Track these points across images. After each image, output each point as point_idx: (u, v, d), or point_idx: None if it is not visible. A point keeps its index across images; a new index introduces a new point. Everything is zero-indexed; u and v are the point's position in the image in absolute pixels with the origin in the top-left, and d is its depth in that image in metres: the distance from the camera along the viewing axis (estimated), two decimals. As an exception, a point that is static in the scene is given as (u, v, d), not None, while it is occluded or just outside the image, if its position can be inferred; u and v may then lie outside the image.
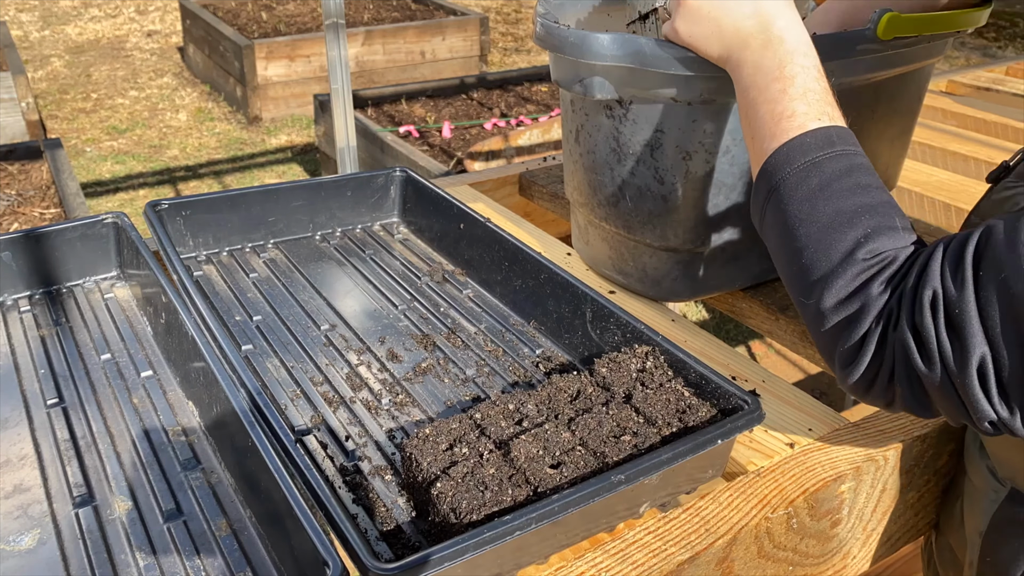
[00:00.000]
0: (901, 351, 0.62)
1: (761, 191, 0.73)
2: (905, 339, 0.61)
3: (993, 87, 1.92)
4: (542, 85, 4.51)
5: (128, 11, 7.24)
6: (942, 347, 0.60)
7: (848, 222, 0.66)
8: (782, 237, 0.70)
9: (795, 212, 0.69)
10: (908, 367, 0.62)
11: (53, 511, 0.70)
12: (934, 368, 0.60)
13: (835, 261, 0.66)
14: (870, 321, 0.64)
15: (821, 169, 0.68)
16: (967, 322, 0.58)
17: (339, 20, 2.13)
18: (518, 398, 0.75)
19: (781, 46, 0.73)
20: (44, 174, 2.93)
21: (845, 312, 0.65)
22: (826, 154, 0.69)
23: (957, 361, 0.59)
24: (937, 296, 0.60)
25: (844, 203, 0.67)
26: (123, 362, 0.90)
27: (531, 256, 0.98)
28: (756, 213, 0.75)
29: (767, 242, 0.75)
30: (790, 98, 0.71)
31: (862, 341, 0.64)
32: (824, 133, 0.70)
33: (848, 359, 0.66)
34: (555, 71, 0.96)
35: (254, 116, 4.91)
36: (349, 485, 0.72)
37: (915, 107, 1.09)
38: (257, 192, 1.11)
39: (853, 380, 0.66)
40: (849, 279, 0.65)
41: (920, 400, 0.64)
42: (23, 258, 0.99)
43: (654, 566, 0.66)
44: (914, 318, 0.61)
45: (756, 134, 0.74)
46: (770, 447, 0.81)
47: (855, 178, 0.68)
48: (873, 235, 0.65)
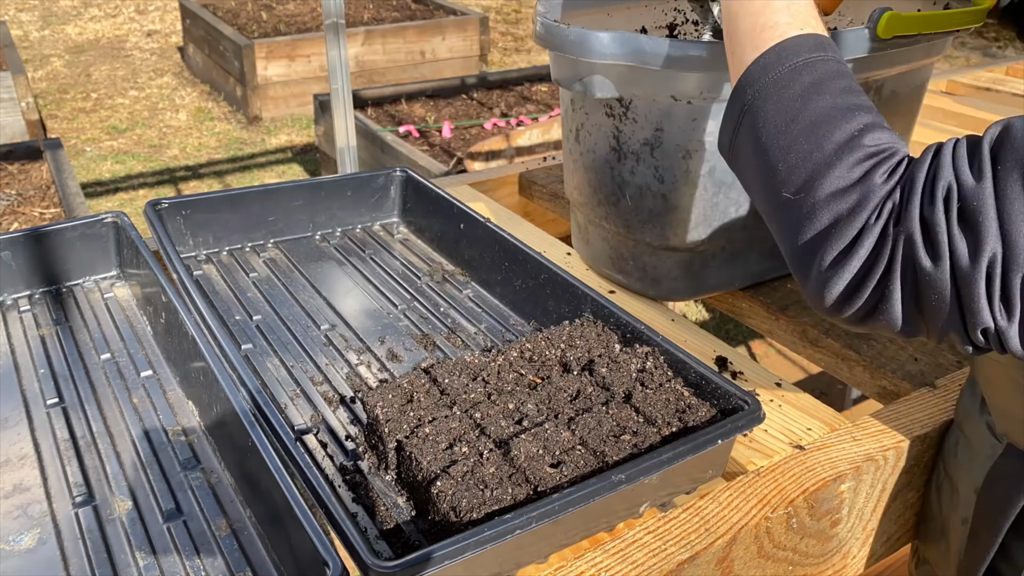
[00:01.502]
0: (906, 246, 0.58)
1: (738, 100, 0.69)
2: (912, 233, 0.57)
3: (993, 87, 1.92)
4: (542, 85, 4.51)
5: (128, 11, 7.24)
6: (953, 242, 0.56)
7: (844, 115, 0.63)
8: (767, 138, 0.66)
9: (785, 109, 0.65)
10: (909, 264, 0.58)
11: (53, 511, 0.70)
12: (941, 264, 0.56)
13: (831, 150, 0.61)
14: (869, 214, 0.59)
15: (814, 68, 0.66)
16: (983, 215, 0.54)
17: (339, 20, 2.13)
18: (518, 397, 0.75)
19: None
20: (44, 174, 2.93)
21: (842, 204, 0.60)
22: (819, 56, 0.66)
23: (970, 255, 0.55)
24: (952, 188, 0.56)
25: (840, 100, 0.64)
26: (123, 362, 0.90)
27: (531, 256, 0.98)
28: (728, 127, 0.71)
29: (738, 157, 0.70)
30: (773, 9, 0.69)
31: (858, 236, 0.59)
32: (815, 39, 0.68)
33: (837, 259, 0.60)
34: (555, 70, 0.96)
35: (254, 116, 4.91)
36: (349, 484, 0.72)
37: (915, 107, 1.09)
38: (257, 192, 1.11)
39: (837, 286, 0.61)
40: (849, 165, 0.60)
41: (908, 308, 0.60)
42: (23, 258, 0.99)
43: (654, 566, 0.66)
44: (923, 211, 0.57)
45: (736, 48, 0.71)
46: (770, 447, 0.81)
47: (847, 82, 0.66)
48: (871, 127, 0.62)
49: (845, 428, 0.83)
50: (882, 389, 0.94)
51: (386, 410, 0.73)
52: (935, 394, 0.89)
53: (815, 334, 1.00)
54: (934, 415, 0.85)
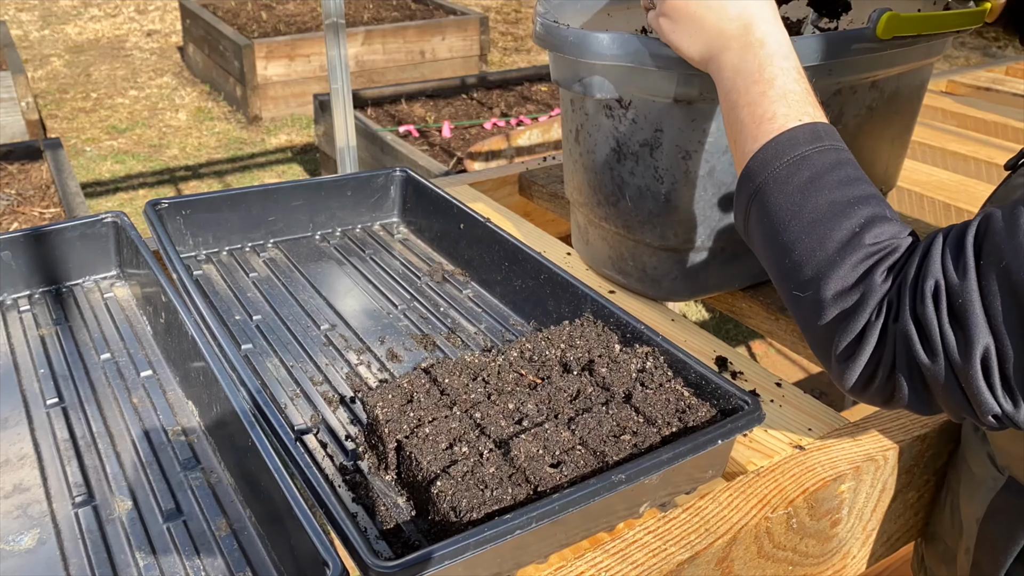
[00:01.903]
0: (903, 343, 0.60)
1: (745, 190, 0.72)
2: (907, 330, 0.59)
3: (993, 87, 1.92)
4: (542, 85, 4.51)
5: (128, 11, 7.24)
6: (945, 338, 0.58)
7: (843, 212, 0.65)
8: (771, 233, 0.69)
9: (786, 205, 0.67)
10: (910, 359, 0.60)
11: (53, 511, 0.70)
12: (937, 360, 0.59)
13: (833, 250, 0.64)
14: (870, 311, 0.62)
15: (810, 162, 0.68)
16: (970, 312, 0.56)
17: (339, 20, 2.13)
18: (518, 397, 0.75)
19: (761, 49, 0.72)
20: (44, 173, 2.93)
21: (846, 303, 0.63)
22: (814, 148, 0.68)
23: (961, 352, 0.57)
24: (939, 286, 0.58)
25: (837, 194, 0.66)
26: (123, 362, 0.90)
27: (531, 256, 0.98)
28: (739, 214, 0.74)
29: (752, 242, 0.73)
30: (770, 100, 0.71)
31: (862, 333, 0.62)
32: (811, 129, 0.69)
33: (847, 353, 0.63)
34: (555, 71, 0.96)
35: (254, 116, 4.91)
36: (349, 484, 0.72)
37: (915, 107, 1.09)
38: (257, 192, 1.11)
39: (852, 376, 0.64)
40: (851, 267, 0.63)
41: (921, 395, 0.62)
42: (23, 257, 0.99)
43: (654, 566, 0.66)
44: (916, 309, 0.59)
45: (738, 137, 0.73)
46: (770, 447, 0.81)
47: (845, 171, 0.68)
48: (871, 224, 0.64)
49: (845, 428, 0.83)
50: (882, 389, 0.94)
51: (386, 410, 0.73)
52: (935, 394, 0.88)
53: (815, 334, 1.00)
54: (934, 415, 0.85)
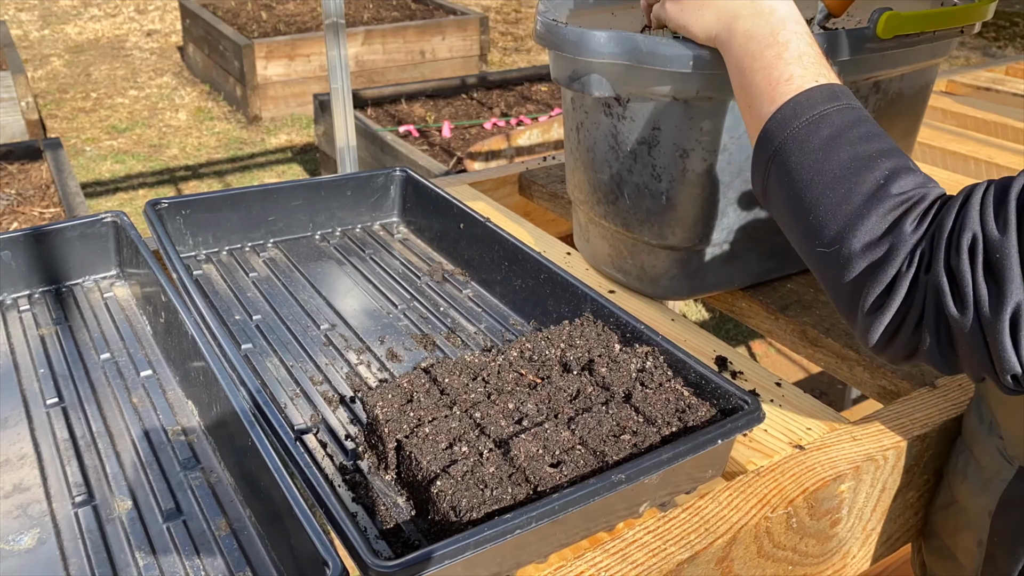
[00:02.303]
0: (934, 294, 0.60)
1: (763, 153, 0.72)
2: (939, 282, 0.59)
3: (993, 87, 1.92)
4: (542, 85, 4.51)
5: (128, 10, 7.24)
6: (978, 291, 0.57)
7: (866, 166, 0.65)
8: (793, 192, 0.68)
9: (808, 163, 0.67)
10: (939, 312, 0.60)
11: (52, 511, 0.70)
12: (967, 313, 0.58)
13: (859, 202, 0.64)
14: (901, 261, 0.61)
15: (830, 120, 0.68)
16: (1007, 267, 0.56)
17: (339, 20, 2.13)
18: (518, 397, 0.75)
19: (772, 15, 0.73)
20: (44, 173, 2.93)
21: (875, 254, 0.62)
22: (834, 107, 0.68)
23: (992, 307, 0.57)
24: (977, 239, 0.58)
25: (859, 149, 0.66)
26: (123, 361, 0.90)
27: (531, 256, 0.98)
28: (757, 178, 0.74)
29: (772, 204, 0.73)
30: (786, 62, 0.71)
31: (892, 284, 0.62)
32: (828, 89, 0.70)
33: (876, 305, 0.63)
34: (554, 69, 0.96)
35: (254, 115, 4.91)
36: (349, 484, 0.72)
37: (919, 109, 1.09)
38: (257, 191, 1.11)
39: (878, 329, 0.63)
40: (879, 216, 0.62)
41: (944, 351, 0.62)
42: (23, 257, 0.99)
43: (654, 566, 0.66)
44: (950, 261, 0.59)
45: (753, 102, 0.73)
46: (770, 447, 0.81)
47: (865, 128, 0.68)
48: (895, 175, 0.64)
49: (845, 428, 0.83)
50: (882, 389, 0.94)
51: (386, 410, 0.73)
52: (935, 394, 0.88)
53: (815, 334, 1.00)
54: (934, 415, 0.85)
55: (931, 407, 0.86)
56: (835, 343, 0.98)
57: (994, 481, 0.78)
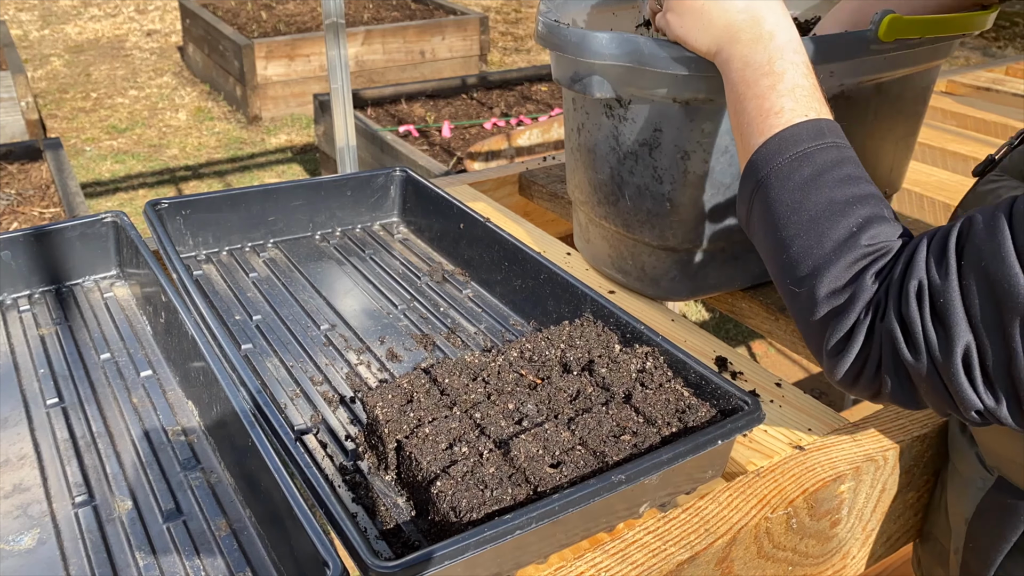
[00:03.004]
0: (888, 341, 0.62)
1: (748, 183, 0.73)
2: (892, 329, 0.61)
3: (993, 87, 1.92)
4: (542, 85, 4.51)
5: (128, 10, 7.24)
6: (928, 337, 0.60)
7: (841, 211, 0.66)
8: (771, 227, 0.70)
9: (787, 200, 0.69)
10: (895, 357, 0.62)
11: (53, 511, 0.70)
12: (920, 358, 0.60)
13: (828, 249, 0.66)
14: (859, 311, 0.63)
15: (812, 159, 0.69)
16: (951, 311, 0.58)
17: (339, 20, 2.13)
18: (518, 398, 0.75)
19: (771, 42, 0.73)
20: (44, 173, 2.93)
21: (838, 300, 0.64)
22: (817, 145, 0.69)
23: (942, 350, 0.59)
24: (923, 286, 0.60)
25: (837, 193, 0.67)
26: (123, 361, 0.90)
27: (531, 256, 0.98)
28: (742, 206, 0.75)
29: (753, 235, 0.75)
30: (778, 94, 0.71)
31: (851, 331, 0.64)
32: (815, 125, 0.70)
33: (837, 349, 0.65)
34: (556, 70, 0.96)
35: (254, 115, 4.91)
36: (349, 484, 0.72)
37: (920, 109, 1.08)
38: (257, 191, 1.11)
39: (841, 371, 0.66)
40: (844, 267, 0.65)
41: (907, 391, 0.64)
42: (23, 257, 0.99)
43: (654, 566, 0.66)
44: (900, 308, 0.61)
45: (744, 130, 0.74)
46: (770, 447, 0.81)
47: (846, 170, 0.69)
48: (867, 224, 0.65)
49: (845, 428, 0.83)
50: (882, 389, 0.94)
51: (386, 410, 0.73)
52: (935, 394, 0.88)
53: (815, 334, 1.00)
54: (934, 415, 0.85)
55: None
56: (835, 344, 0.98)
57: (971, 489, 0.78)
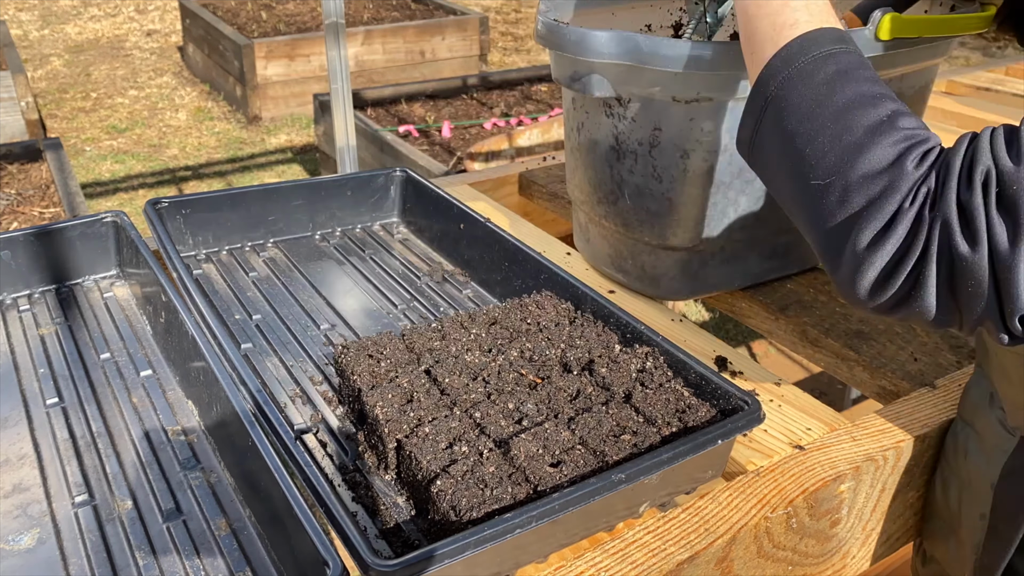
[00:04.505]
0: (942, 231, 0.57)
1: (761, 93, 0.69)
2: (948, 217, 0.56)
3: (993, 87, 1.92)
4: (542, 85, 4.51)
5: (128, 10, 7.24)
6: (991, 226, 0.55)
7: (871, 102, 0.63)
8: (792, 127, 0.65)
9: (811, 96, 0.65)
10: (944, 249, 0.57)
11: (52, 510, 0.70)
12: (979, 249, 0.56)
13: (861, 133, 0.61)
14: (902, 197, 0.58)
15: (838, 59, 0.66)
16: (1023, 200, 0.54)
17: (339, 20, 2.13)
18: (518, 397, 0.75)
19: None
20: (44, 173, 2.93)
21: (874, 188, 0.60)
22: (840, 48, 0.67)
23: (1010, 240, 0.54)
24: (991, 173, 0.56)
25: (866, 88, 0.64)
26: (123, 361, 0.90)
27: (531, 256, 0.98)
28: (749, 120, 0.71)
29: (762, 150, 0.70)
30: (792, 8, 0.69)
31: (892, 220, 0.59)
32: (837, 32, 0.68)
33: (873, 242, 0.59)
34: (555, 69, 0.96)
35: (254, 115, 4.91)
36: (349, 483, 0.72)
37: (919, 109, 1.08)
38: (257, 191, 1.11)
39: (871, 271, 0.60)
40: (881, 149, 0.60)
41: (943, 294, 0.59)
42: (23, 257, 0.99)
43: (653, 566, 0.66)
44: (961, 195, 0.56)
45: (755, 48, 0.71)
46: (770, 447, 0.81)
47: (871, 72, 0.66)
48: (900, 114, 0.62)
49: (845, 428, 0.83)
50: (882, 389, 0.94)
51: (386, 410, 0.73)
52: (935, 394, 0.89)
53: (815, 334, 1.00)
54: (934, 415, 0.85)
55: (931, 407, 0.86)
56: (835, 343, 0.98)
57: (995, 453, 0.78)
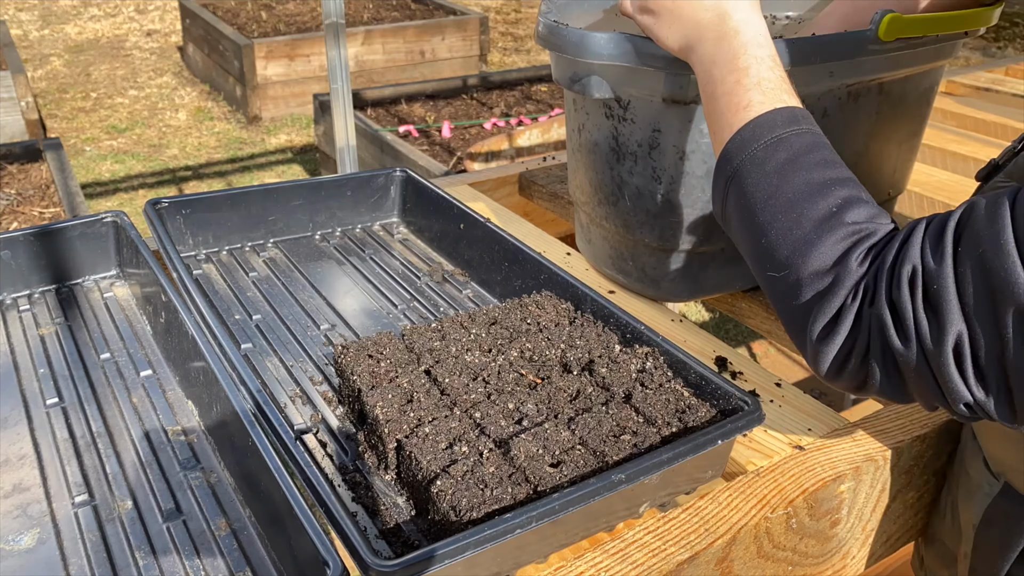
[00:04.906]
0: (877, 327, 0.60)
1: (722, 174, 0.72)
2: (882, 314, 0.59)
3: (993, 87, 1.92)
4: (542, 85, 4.51)
5: (128, 10, 7.24)
6: (919, 323, 0.58)
7: (820, 192, 0.65)
8: (748, 215, 0.68)
9: (763, 186, 0.67)
10: (884, 345, 0.60)
11: (52, 510, 0.70)
12: (910, 346, 0.58)
13: (809, 229, 0.64)
14: (846, 294, 0.61)
15: (788, 144, 0.68)
16: (945, 298, 0.56)
17: (339, 20, 2.13)
18: (518, 397, 0.75)
19: (736, 38, 0.73)
20: (44, 173, 2.93)
21: (822, 283, 0.62)
22: (792, 131, 0.68)
23: (933, 338, 0.57)
24: (916, 271, 0.58)
25: (815, 175, 0.66)
26: (123, 361, 0.90)
27: (531, 256, 0.98)
28: (717, 200, 0.74)
29: (730, 227, 0.73)
30: (745, 88, 0.71)
31: (837, 316, 0.62)
32: (788, 112, 0.69)
33: (822, 336, 0.63)
34: (555, 70, 0.96)
35: (254, 115, 4.91)
36: (349, 483, 0.72)
37: (924, 110, 1.08)
38: (257, 191, 1.11)
39: (827, 359, 0.63)
40: (829, 245, 0.63)
41: (894, 381, 0.62)
42: (23, 257, 0.99)
43: (653, 566, 0.66)
44: (892, 293, 0.59)
45: (716, 126, 0.73)
46: (770, 447, 0.81)
47: (822, 154, 0.68)
48: (848, 205, 0.64)
49: (845, 428, 0.83)
50: (882, 389, 0.94)
51: (386, 410, 0.73)
52: (935, 394, 0.88)
53: (815, 334, 1.00)
54: (934, 415, 0.85)
55: (931, 408, 0.86)
56: (835, 344, 0.98)
57: (978, 495, 0.78)
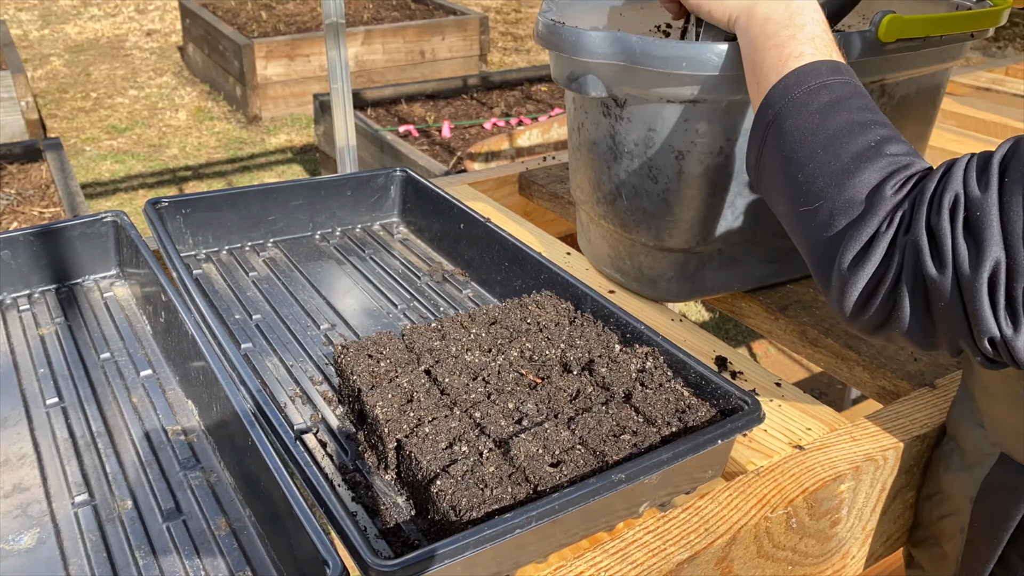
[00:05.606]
0: (912, 253, 0.60)
1: (762, 119, 0.74)
2: (919, 240, 0.59)
3: (993, 87, 1.92)
4: (542, 85, 4.51)
5: (128, 10, 7.24)
6: (957, 249, 0.57)
7: (861, 130, 0.67)
8: (786, 154, 0.70)
9: (804, 125, 0.69)
10: (917, 272, 0.60)
11: (52, 510, 0.70)
12: (945, 272, 0.58)
13: (847, 160, 0.65)
14: (880, 221, 0.62)
15: (831, 89, 0.70)
16: (986, 224, 0.56)
17: (339, 20, 2.13)
18: (518, 397, 0.75)
19: (792, 1, 0.76)
20: (43, 173, 2.93)
21: (854, 212, 0.63)
22: (836, 79, 0.71)
23: (972, 264, 0.57)
24: (959, 198, 0.58)
25: (856, 116, 0.68)
26: (122, 361, 0.90)
27: (531, 256, 0.98)
28: (753, 148, 0.75)
29: (764, 175, 0.75)
30: (799, 42, 0.74)
31: (870, 243, 0.62)
32: (833, 64, 0.72)
33: (853, 263, 0.63)
34: (554, 69, 0.96)
35: (254, 115, 4.90)
36: (349, 483, 0.72)
37: (930, 113, 1.07)
38: (257, 191, 1.11)
39: (854, 291, 0.63)
40: (865, 175, 0.64)
41: (919, 318, 0.62)
42: (23, 257, 0.99)
43: (653, 566, 0.66)
44: (931, 219, 0.59)
45: (761, 76, 0.75)
46: (770, 447, 0.81)
47: (864, 101, 0.70)
48: (887, 141, 0.66)
49: (844, 428, 0.83)
50: (881, 389, 0.94)
51: (386, 410, 0.73)
52: (935, 394, 0.89)
53: (815, 334, 1.00)
54: (933, 415, 0.85)
55: (931, 407, 0.86)
56: (835, 343, 0.98)
57: (976, 468, 0.78)
